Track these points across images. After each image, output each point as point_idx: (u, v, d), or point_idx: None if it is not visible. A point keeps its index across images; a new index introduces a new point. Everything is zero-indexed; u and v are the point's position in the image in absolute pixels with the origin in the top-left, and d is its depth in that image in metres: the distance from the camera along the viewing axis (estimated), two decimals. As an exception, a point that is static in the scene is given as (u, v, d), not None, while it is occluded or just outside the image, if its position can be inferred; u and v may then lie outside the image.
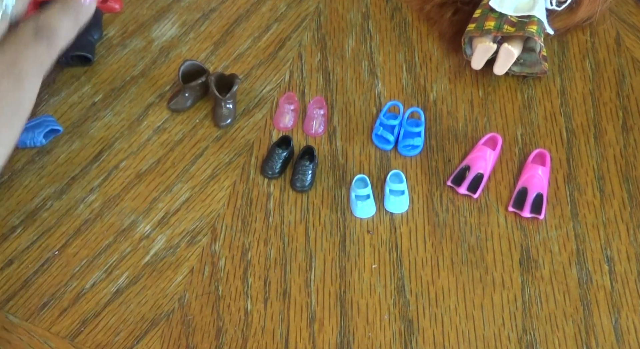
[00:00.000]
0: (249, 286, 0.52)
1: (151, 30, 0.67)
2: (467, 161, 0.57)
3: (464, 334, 0.50)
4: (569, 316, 0.51)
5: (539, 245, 0.54)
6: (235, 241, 0.54)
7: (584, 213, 0.55)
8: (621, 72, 0.63)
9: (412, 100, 0.62)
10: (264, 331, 0.50)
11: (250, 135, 0.60)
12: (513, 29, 0.59)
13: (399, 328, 0.50)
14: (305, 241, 0.54)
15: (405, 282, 0.52)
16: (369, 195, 0.55)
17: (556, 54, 0.65)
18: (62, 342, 0.50)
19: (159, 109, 0.61)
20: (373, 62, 0.64)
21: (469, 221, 0.55)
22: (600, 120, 0.61)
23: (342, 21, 0.67)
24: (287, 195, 0.57)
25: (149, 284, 0.52)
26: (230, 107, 0.60)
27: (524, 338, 0.50)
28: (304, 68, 0.64)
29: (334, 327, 0.50)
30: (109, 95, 0.62)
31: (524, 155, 0.58)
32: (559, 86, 0.63)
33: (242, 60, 0.65)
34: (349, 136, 0.60)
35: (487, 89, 0.63)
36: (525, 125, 0.60)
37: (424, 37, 0.66)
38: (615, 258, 0.53)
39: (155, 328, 0.50)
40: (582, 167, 0.58)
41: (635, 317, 0.51)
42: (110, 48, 0.65)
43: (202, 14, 0.68)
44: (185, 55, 0.65)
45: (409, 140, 0.58)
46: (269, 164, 0.57)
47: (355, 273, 0.53)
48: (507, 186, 0.57)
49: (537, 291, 0.52)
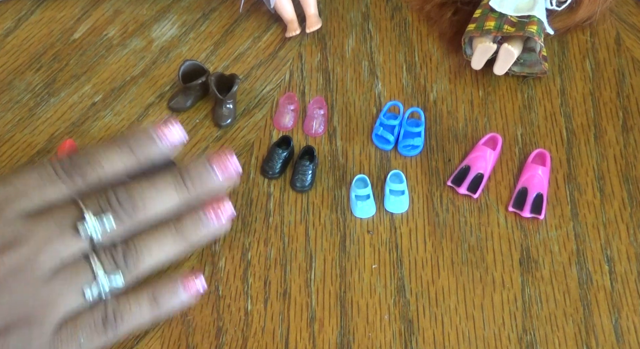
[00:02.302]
0: (249, 286, 0.52)
1: (151, 30, 0.67)
2: (467, 161, 0.57)
3: (464, 334, 0.50)
4: (569, 316, 0.51)
5: (539, 245, 0.54)
6: (235, 241, 0.54)
7: (584, 213, 0.55)
8: (621, 72, 0.63)
9: (412, 100, 0.62)
10: (264, 331, 0.50)
11: (250, 135, 0.60)
12: (513, 29, 0.59)
13: (399, 328, 0.50)
14: (305, 241, 0.54)
15: (406, 282, 0.52)
16: (369, 195, 0.55)
17: (556, 54, 0.65)
18: (62, 342, 0.50)
19: (159, 109, 0.61)
20: (373, 62, 0.64)
21: (469, 221, 0.55)
22: (600, 120, 0.61)
23: (342, 21, 0.67)
24: (287, 195, 0.57)
25: (149, 284, 0.52)
26: (230, 107, 0.60)
27: (524, 338, 0.50)
28: (304, 69, 0.64)
29: (334, 327, 0.50)
30: (109, 95, 0.62)
31: (524, 155, 0.58)
32: (559, 86, 0.63)
33: (242, 60, 0.65)
34: (349, 136, 0.60)
35: (487, 89, 0.63)
36: (525, 125, 0.60)
37: (424, 37, 0.66)
38: (616, 258, 0.53)
39: (155, 328, 0.50)
40: (582, 166, 0.58)
41: (635, 317, 0.51)
42: (110, 48, 0.65)
43: (202, 14, 0.68)
44: (185, 55, 0.65)
45: (409, 140, 0.58)
46: (269, 164, 0.57)
47: (356, 273, 0.53)
48: (507, 186, 0.57)
49: (537, 291, 0.52)
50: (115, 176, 0.43)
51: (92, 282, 0.41)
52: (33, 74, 0.64)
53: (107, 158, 0.43)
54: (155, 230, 0.44)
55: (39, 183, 0.42)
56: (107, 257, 0.42)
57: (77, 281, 0.41)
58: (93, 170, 0.42)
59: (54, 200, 0.42)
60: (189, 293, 0.45)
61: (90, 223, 0.41)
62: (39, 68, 0.64)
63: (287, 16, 0.66)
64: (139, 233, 0.43)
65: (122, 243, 0.43)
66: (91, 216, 0.41)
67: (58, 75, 0.63)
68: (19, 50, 0.65)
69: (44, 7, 0.69)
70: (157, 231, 0.44)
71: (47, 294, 0.40)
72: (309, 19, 0.65)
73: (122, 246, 0.43)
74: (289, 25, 0.66)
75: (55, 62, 0.64)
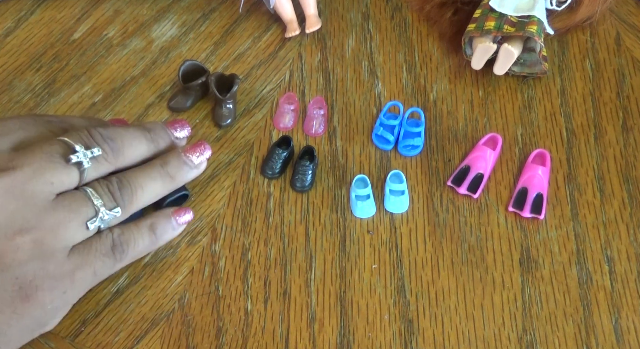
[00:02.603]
0: (249, 286, 0.52)
1: (151, 30, 0.67)
2: (467, 161, 0.57)
3: (464, 334, 0.50)
4: (569, 316, 0.51)
5: (539, 245, 0.54)
6: (235, 241, 0.54)
7: (584, 213, 0.55)
8: (621, 72, 0.63)
9: (412, 100, 0.62)
10: (264, 331, 0.50)
11: (250, 135, 0.60)
12: (513, 29, 0.59)
13: (399, 328, 0.50)
14: (305, 242, 0.54)
15: (406, 282, 0.52)
16: (369, 195, 0.55)
17: (556, 54, 0.65)
18: (62, 342, 0.50)
19: (159, 109, 0.61)
20: (373, 62, 0.64)
21: (469, 221, 0.55)
22: (600, 120, 0.61)
23: (342, 21, 0.67)
24: (287, 195, 0.57)
25: (149, 284, 0.52)
26: (230, 107, 0.60)
27: (524, 338, 0.50)
28: (304, 69, 0.64)
29: (334, 327, 0.50)
30: (109, 95, 0.62)
31: (524, 155, 0.58)
32: (559, 86, 0.63)
33: (242, 60, 0.65)
34: (349, 136, 0.60)
35: (487, 89, 0.63)
36: (525, 125, 0.60)
37: (424, 37, 0.66)
38: (615, 258, 0.53)
39: (155, 328, 0.50)
40: (582, 167, 0.58)
41: (635, 317, 0.51)
42: (110, 48, 0.65)
43: (202, 14, 0.68)
44: (185, 55, 0.65)
45: (409, 140, 0.58)
46: (269, 164, 0.57)
47: (356, 273, 0.53)
48: (507, 186, 0.57)
49: (537, 291, 0.52)
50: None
51: (94, 215, 0.45)
52: (33, 74, 0.64)
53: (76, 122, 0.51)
54: (145, 167, 0.49)
55: (21, 125, 0.46)
56: (105, 192, 0.46)
57: (79, 213, 0.44)
58: (62, 120, 0.49)
59: (37, 137, 0.46)
60: (181, 223, 0.51)
61: (82, 154, 0.45)
62: (39, 68, 0.64)
63: (287, 16, 0.66)
64: (129, 170, 0.48)
65: (116, 179, 0.47)
66: (81, 147, 0.45)
67: (58, 75, 0.63)
68: (19, 50, 0.65)
69: (44, 7, 0.69)
70: (146, 168, 0.49)
71: (51, 220, 0.43)
72: (309, 19, 0.65)
73: (117, 182, 0.47)
74: (288, 25, 0.66)
75: (55, 62, 0.64)
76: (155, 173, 0.48)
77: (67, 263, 0.44)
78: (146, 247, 0.49)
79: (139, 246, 0.48)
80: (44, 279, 0.43)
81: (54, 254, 0.43)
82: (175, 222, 0.50)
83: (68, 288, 0.44)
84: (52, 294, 0.43)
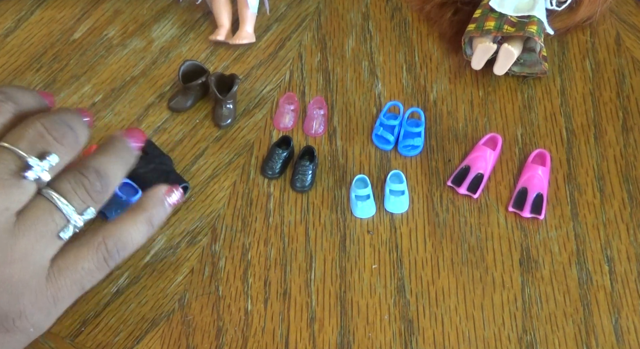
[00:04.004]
0: (249, 287, 0.52)
1: (151, 30, 0.67)
2: (467, 161, 0.57)
3: (464, 334, 0.50)
4: (569, 316, 0.51)
5: (539, 245, 0.54)
6: (235, 241, 0.54)
7: (584, 213, 0.55)
8: (621, 72, 0.63)
9: (412, 100, 0.62)
10: (264, 331, 0.50)
11: (250, 135, 0.60)
12: (513, 29, 0.59)
13: (399, 328, 0.50)
14: (305, 242, 0.54)
15: (406, 282, 0.52)
16: (369, 195, 0.55)
17: (556, 54, 0.65)
18: (62, 342, 0.50)
19: (159, 109, 0.61)
20: (373, 62, 0.64)
21: (469, 221, 0.55)
22: (600, 120, 0.61)
23: (342, 21, 0.67)
24: (287, 195, 0.57)
25: (149, 284, 0.52)
26: (230, 107, 0.60)
27: (524, 338, 0.50)
28: (304, 69, 0.64)
29: (334, 327, 0.50)
30: (109, 95, 0.62)
31: (524, 155, 0.58)
32: (559, 86, 0.63)
33: (242, 60, 0.65)
34: (349, 136, 0.60)
35: (487, 89, 0.63)
36: (525, 125, 0.60)
37: (424, 37, 0.66)
38: (615, 258, 0.53)
39: (155, 328, 0.50)
40: (582, 167, 0.58)
41: (635, 317, 0.51)
42: (110, 48, 0.65)
43: (202, 14, 0.68)
44: (185, 55, 0.65)
45: (409, 140, 0.58)
46: (269, 164, 0.57)
47: (356, 273, 0.53)
48: (507, 186, 0.57)
49: (537, 292, 0.52)
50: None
51: (64, 224, 0.39)
52: (33, 74, 0.64)
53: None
54: (102, 151, 0.42)
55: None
56: (74, 193, 0.40)
57: (47, 229, 0.39)
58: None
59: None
60: (172, 204, 0.45)
61: (38, 168, 0.38)
62: (39, 68, 0.64)
63: (220, 21, 0.64)
64: (87, 158, 0.41)
65: (79, 172, 0.40)
66: (34, 160, 0.38)
67: (58, 76, 0.63)
68: (19, 50, 0.65)
69: (44, 7, 0.69)
70: (104, 151, 0.42)
71: (17, 251, 0.38)
72: (241, 31, 0.64)
73: (81, 178, 0.40)
74: (219, 28, 0.65)
75: (55, 62, 0.64)
76: (114, 145, 0.43)
77: (47, 287, 0.39)
78: (142, 241, 0.43)
79: (136, 244, 0.43)
80: (22, 311, 0.38)
81: (28, 284, 0.38)
82: (168, 204, 0.44)
83: (52, 309, 0.40)
84: (33, 319, 0.39)
